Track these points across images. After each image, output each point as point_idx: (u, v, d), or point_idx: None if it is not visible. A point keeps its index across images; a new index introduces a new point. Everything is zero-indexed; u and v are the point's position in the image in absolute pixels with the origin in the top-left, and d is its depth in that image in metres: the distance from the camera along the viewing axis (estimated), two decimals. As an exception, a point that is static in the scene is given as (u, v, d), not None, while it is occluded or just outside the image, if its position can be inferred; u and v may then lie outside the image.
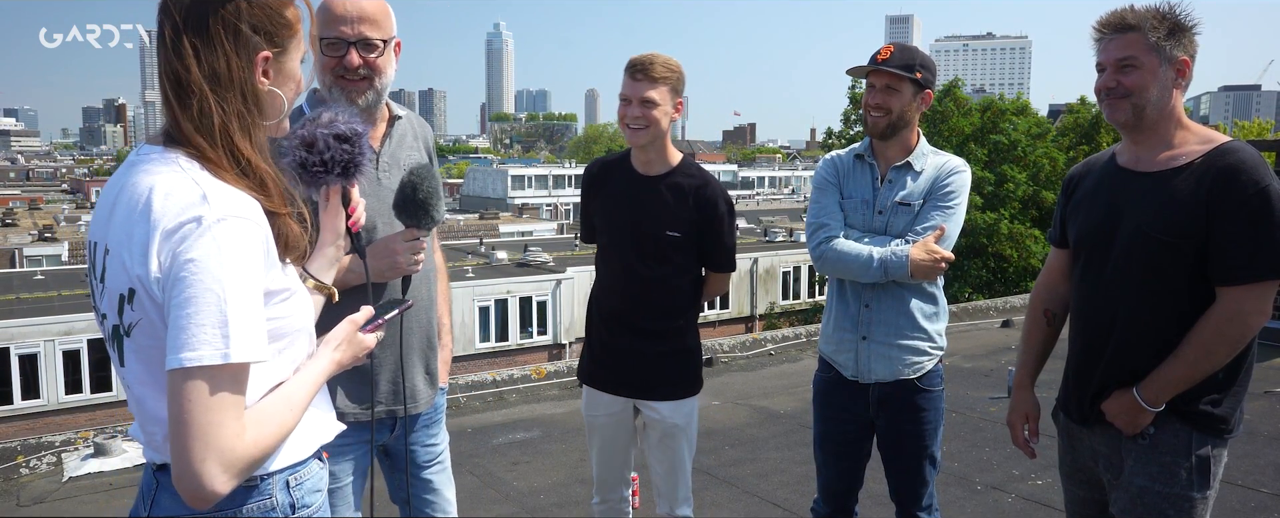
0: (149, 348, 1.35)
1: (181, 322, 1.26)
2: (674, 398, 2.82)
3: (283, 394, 1.42)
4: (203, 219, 1.29)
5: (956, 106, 27.28)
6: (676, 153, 2.79)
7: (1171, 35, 2.06)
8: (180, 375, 1.25)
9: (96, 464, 4.92)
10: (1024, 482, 4.43)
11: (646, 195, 2.75)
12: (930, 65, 2.70)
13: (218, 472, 1.26)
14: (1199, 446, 2.11)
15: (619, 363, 2.82)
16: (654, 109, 2.63)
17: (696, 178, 2.76)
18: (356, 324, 1.63)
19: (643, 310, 2.78)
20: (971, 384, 6.43)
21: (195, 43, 1.37)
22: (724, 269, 2.86)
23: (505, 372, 6.82)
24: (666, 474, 2.89)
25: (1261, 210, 1.99)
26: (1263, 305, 2.03)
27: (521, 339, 26.91)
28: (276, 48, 1.45)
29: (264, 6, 1.43)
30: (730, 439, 5.34)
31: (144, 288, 1.31)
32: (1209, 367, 2.07)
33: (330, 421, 1.61)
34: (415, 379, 2.41)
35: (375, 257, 2.14)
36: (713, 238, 2.77)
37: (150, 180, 1.34)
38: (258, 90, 1.44)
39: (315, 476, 1.54)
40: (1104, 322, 2.20)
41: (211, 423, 1.25)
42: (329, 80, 2.16)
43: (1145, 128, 2.14)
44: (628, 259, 2.77)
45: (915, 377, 2.73)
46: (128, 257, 1.33)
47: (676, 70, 2.66)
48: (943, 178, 2.69)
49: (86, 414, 20.43)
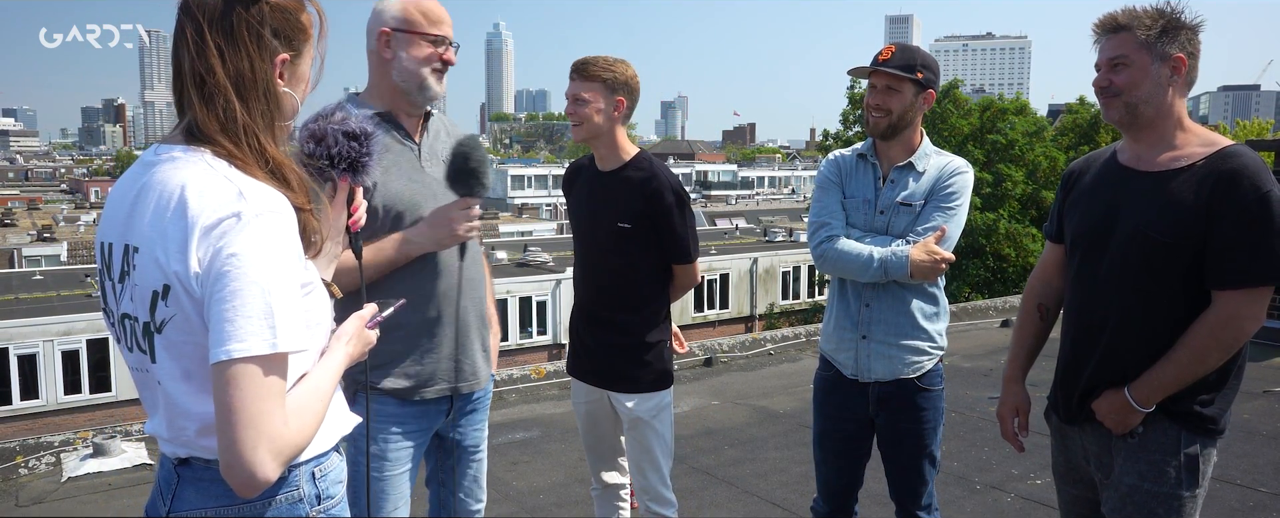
0: (181, 343, 1.38)
1: (228, 314, 1.29)
2: (638, 392, 2.87)
3: (312, 384, 1.46)
4: (242, 214, 1.33)
5: (955, 107, 27.31)
6: (632, 149, 2.85)
7: (1164, 33, 2.06)
8: (229, 367, 1.28)
9: (95, 465, 4.92)
10: (1023, 481, 4.43)
11: (601, 190, 2.86)
12: (932, 65, 2.70)
13: (268, 459, 1.29)
14: (1188, 444, 2.12)
15: (589, 354, 2.95)
16: (585, 107, 2.73)
17: (645, 170, 2.81)
18: (364, 320, 1.67)
19: (604, 302, 2.89)
20: (971, 384, 6.43)
21: (220, 43, 1.41)
22: (681, 260, 2.88)
23: (505, 371, 6.81)
24: (637, 470, 2.96)
25: (1261, 216, 1.98)
26: (1257, 310, 2.04)
27: (521, 339, 26.92)
28: (292, 51, 1.50)
29: (283, 11, 1.48)
30: (730, 439, 5.34)
31: (181, 284, 1.34)
32: (1201, 370, 2.07)
33: (347, 414, 1.65)
34: (475, 356, 2.51)
35: (433, 226, 2.31)
36: (665, 228, 2.80)
37: (181, 178, 1.37)
38: (278, 91, 1.48)
39: (337, 467, 1.58)
40: (1097, 320, 2.20)
41: (262, 412, 1.29)
42: (426, 72, 2.35)
43: (1142, 126, 2.14)
44: (589, 253, 2.92)
45: (915, 376, 2.74)
46: (162, 254, 1.35)
47: (614, 70, 2.74)
48: (944, 179, 2.69)
49: (85, 415, 20.44)
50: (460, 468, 2.57)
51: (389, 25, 2.32)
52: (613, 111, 2.75)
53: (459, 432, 2.54)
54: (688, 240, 2.84)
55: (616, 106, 2.76)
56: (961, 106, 27.51)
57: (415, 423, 2.42)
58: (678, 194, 2.80)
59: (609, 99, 2.74)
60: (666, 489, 2.95)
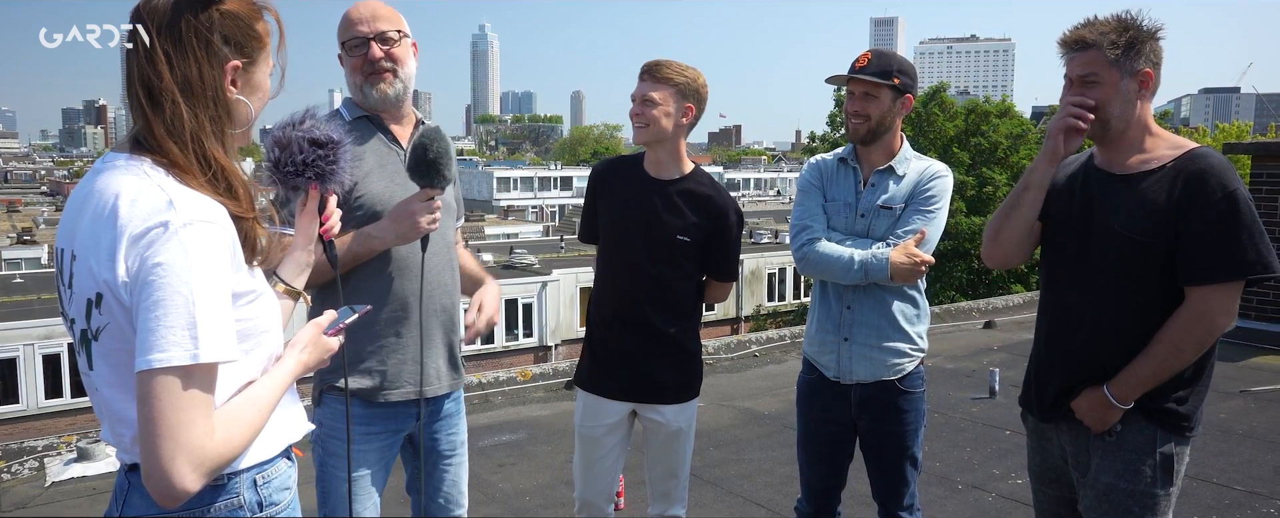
0: (117, 352, 1.37)
1: (151, 324, 1.28)
2: (678, 401, 2.84)
3: (251, 395, 1.45)
4: (169, 224, 1.32)
5: (941, 110, 27.47)
6: (689, 161, 2.82)
7: (1130, 48, 2.11)
8: (150, 376, 1.27)
9: (79, 469, 4.89)
10: (1004, 481, 4.48)
11: (659, 198, 2.76)
12: (909, 70, 2.73)
13: (187, 470, 1.28)
14: (1163, 443, 2.17)
15: (623, 366, 2.81)
16: (654, 109, 2.66)
17: (708, 186, 2.80)
18: (321, 327, 1.67)
19: (649, 311, 2.76)
20: (954, 385, 6.49)
21: (168, 50, 1.40)
22: (727, 278, 2.89)
23: (491, 374, 6.82)
24: (665, 476, 2.90)
25: (1229, 214, 2.05)
26: (1228, 305, 2.09)
27: (507, 341, 26.89)
28: (246, 58, 1.49)
29: (236, 18, 1.47)
30: (715, 440, 5.37)
31: (112, 292, 1.34)
32: (1177, 365, 2.12)
33: (300, 420, 1.64)
34: (438, 361, 2.48)
35: (395, 220, 2.28)
36: (720, 246, 2.80)
37: (116, 186, 1.37)
38: (228, 98, 1.47)
39: (283, 474, 1.56)
40: (1073, 318, 2.25)
41: (181, 423, 1.28)
42: (359, 80, 2.35)
43: (1113, 138, 2.20)
44: (637, 259, 2.76)
45: (896, 378, 2.77)
46: (95, 262, 1.35)
47: (688, 76, 2.69)
48: (924, 182, 2.73)
49: (67, 419, 20.26)
50: (437, 473, 2.56)
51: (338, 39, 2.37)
52: (681, 118, 2.69)
53: (432, 437, 2.52)
54: (736, 261, 2.87)
55: (685, 113, 2.70)
56: (947, 109, 27.68)
57: (380, 425, 2.40)
58: (739, 215, 2.83)
59: (679, 104, 2.68)
60: (686, 491, 2.98)
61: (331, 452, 2.37)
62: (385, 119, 2.42)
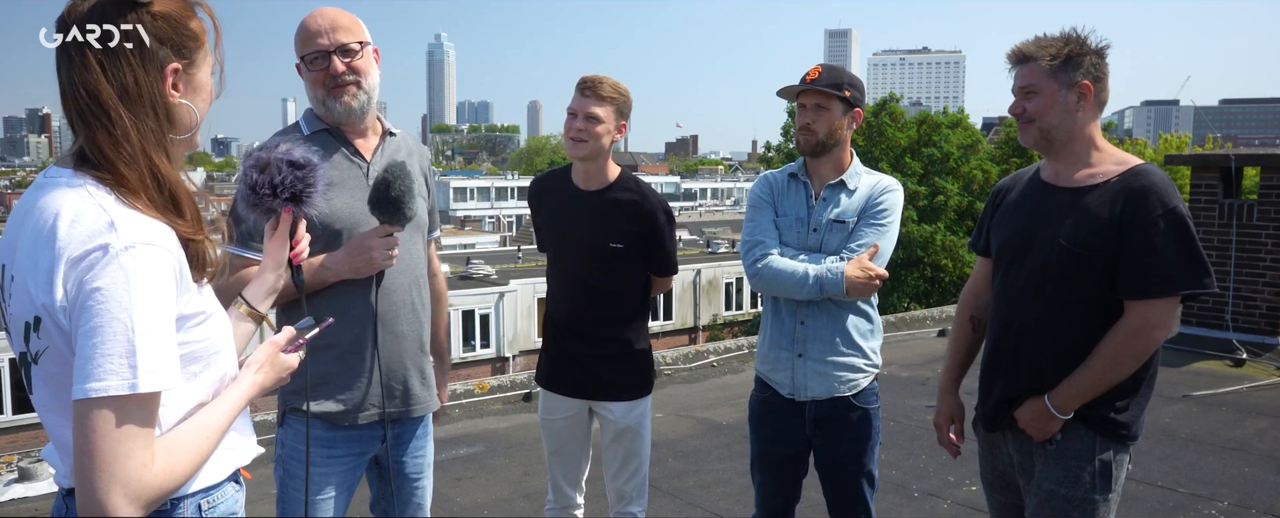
0: (57, 376, 1.33)
1: (88, 352, 1.24)
2: (626, 399, 2.93)
3: (199, 421, 1.41)
4: (109, 247, 1.27)
5: (892, 120, 27.88)
6: (615, 168, 2.91)
7: (1068, 61, 2.20)
8: (86, 406, 1.23)
9: (21, 490, 4.75)
10: (959, 488, 4.55)
11: (588, 209, 2.87)
12: (858, 84, 2.79)
13: (123, 503, 1.24)
14: (1102, 450, 2.23)
15: (573, 367, 2.94)
16: (597, 125, 2.76)
17: (634, 191, 2.89)
18: (278, 346, 1.63)
19: (592, 318, 2.91)
20: (909, 393, 6.58)
21: (101, 59, 1.35)
22: (666, 274, 3.01)
23: (448, 386, 6.75)
24: (619, 472, 2.99)
25: (1168, 230, 2.11)
26: (1166, 319, 2.16)
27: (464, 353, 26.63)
28: (185, 59, 1.44)
29: (167, 18, 1.41)
30: (673, 451, 5.38)
31: (50, 316, 1.29)
32: (1116, 377, 2.18)
33: (250, 444, 1.61)
34: (410, 382, 2.46)
35: (350, 253, 2.25)
36: (655, 247, 2.91)
37: (56, 205, 1.32)
38: (169, 104, 1.42)
39: (230, 498, 1.53)
40: (1016, 330, 2.31)
41: (117, 454, 1.24)
42: (321, 94, 2.30)
43: (1056, 149, 2.27)
44: (576, 270, 2.91)
45: (851, 394, 2.79)
46: (33, 284, 1.31)
47: (624, 94, 2.82)
48: (876, 196, 2.77)
49: (7, 437, 19.60)
50: (402, 496, 2.53)
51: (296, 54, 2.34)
52: (616, 134, 2.83)
53: (397, 459, 2.50)
54: (673, 256, 2.97)
55: (620, 129, 2.84)
56: (898, 120, 28.10)
57: (344, 447, 2.37)
58: (668, 214, 2.92)
59: (617, 121, 2.82)
60: (645, 488, 3.05)
61: (293, 473, 2.33)
62: (347, 132, 2.38)
